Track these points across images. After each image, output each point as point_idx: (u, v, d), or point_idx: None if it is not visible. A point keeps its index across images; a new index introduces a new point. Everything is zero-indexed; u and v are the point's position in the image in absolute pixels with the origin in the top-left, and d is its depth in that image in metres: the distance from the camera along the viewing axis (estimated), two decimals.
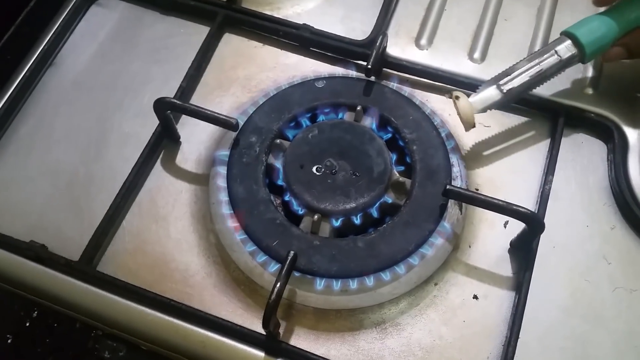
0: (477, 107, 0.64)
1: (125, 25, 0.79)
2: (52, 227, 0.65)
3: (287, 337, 0.59)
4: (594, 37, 0.63)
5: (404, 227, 0.60)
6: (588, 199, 0.65)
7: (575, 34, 0.64)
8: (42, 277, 0.62)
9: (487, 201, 0.58)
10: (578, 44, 0.64)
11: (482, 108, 0.64)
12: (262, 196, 0.62)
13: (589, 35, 0.63)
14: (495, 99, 0.64)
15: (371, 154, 0.64)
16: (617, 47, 0.65)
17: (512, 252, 0.63)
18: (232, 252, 0.62)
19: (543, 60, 0.64)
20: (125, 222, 0.65)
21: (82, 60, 0.76)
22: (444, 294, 0.61)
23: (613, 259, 0.62)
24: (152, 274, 0.62)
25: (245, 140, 0.65)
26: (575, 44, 0.64)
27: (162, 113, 0.65)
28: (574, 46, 0.64)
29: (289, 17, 0.77)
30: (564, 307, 0.60)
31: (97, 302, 0.60)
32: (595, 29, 0.64)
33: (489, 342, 0.59)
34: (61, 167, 0.69)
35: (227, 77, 0.74)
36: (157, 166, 0.69)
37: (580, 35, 0.64)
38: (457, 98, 0.64)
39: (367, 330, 0.59)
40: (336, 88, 0.69)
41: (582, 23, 0.65)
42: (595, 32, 0.64)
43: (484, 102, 0.64)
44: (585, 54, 0.64)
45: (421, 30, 0.76)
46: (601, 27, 0.64)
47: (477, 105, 0.64)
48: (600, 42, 0.64)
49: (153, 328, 0.59)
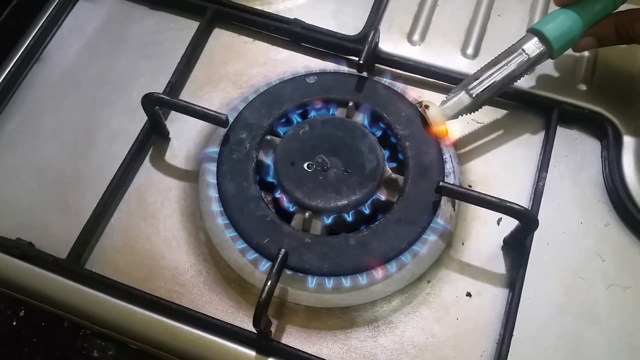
0: (447, 114, 0.64)
1: (114, 20, 0.78)
2: (39, 225, 0.64)
3: (279, 336, 0.58)
4: (560, 31, 0.63)
5: (396, 225, 0.60)
6: (582, 195, 0.65)
7: (541, 30, 0.63)
8: (29, 275, 0.61)
9: (480, 198, 0.58)
10: (545, 40, 0.63)
11: (452, 115, 0.64)
12: (252, 193, 0.62)
13: (555, 31, 0.63)
14: (465, 105, 0.64)
15: (363, 150, 0.63)
16: (587, 37, 0.64)
17: (506, 249, 0.62)
18: (222, 249, 0.61)
19: (511, 60, 0.64)
20: (113, 219, 0.65)
21: (69, 56, 0.75)
22: (437, 292, 0.61)
23: (607, 256, 0.62)
24: (141, 272, 0.62)
25: (235, 136, 0.65)
26: (542, 40, 0.63)
27: (151, 109, 0.65)
28: (542, 43, 0.63)
29: (279, 11, 0.77)
30: (557, 305, 0.60)
31: (86, 301, 0.60)
32: (560, 24, 0.63)
33: (483, 339, 0.58)
34: (48, 164, 0.68)
35: (217, 72, 0.74)
36: (145, 163, 0.68)
37: (547, 31, 0.63)
38: (427, 107, 0.64)
39: (360, 328, 0.59)
40: (327, 84, 0.68)
41: (548, 19, 0.64)
42: (560, 26, 0.63)
43: (453, 109, 0.64)
44: (553, 49, 0.63)
45: (414, 25, 0.75)
46: (566, 22, 0.63)
47: (447, 112, 0.64)
48: (567, 36, 0.63)
49: (142, 327, 0.58)
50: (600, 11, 0.63)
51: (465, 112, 0.65)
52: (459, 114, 0.64)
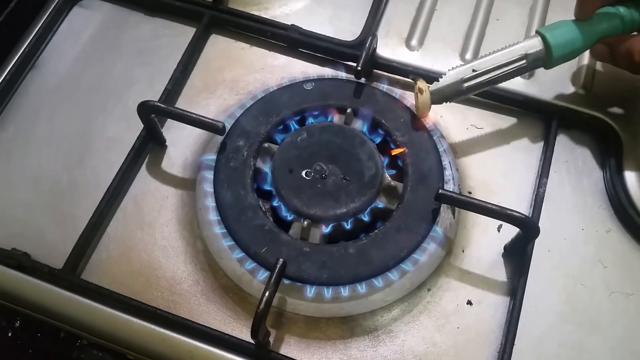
0: (435, 99, 0.64)
1: (109, 26, 0.77)
2: (35, 235, 0.64)
3: (277, 346, 0.58)
4: (565, 45, 0.62)
5: (396, 232, 0.59)
6: (583, 201, 0.64)
7: (546, 35, 0.62)
8: (25, 285, 0.60)
9: (480, 206, 0.57)
10: (547, 45, 0.62)
11: (439, 100, 0.64)
12: (250, 201, 0.61)
13: (558, 38, 0.62)
14: (456, 93, 0.64)
15: (362, 157, 0.62)
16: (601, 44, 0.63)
17: (507, 257, 0.62)
18: (219, 259, 0.61)
19: (510, 59, 0.63)
20: (109, 228, 0.64)
21: (64, 63, 0.75)
22: (437, 300, 0.60)
23: (609, 263, 0.61)
24: (138, 282, 0.61)
25: (232, 144, 0.64)
26: (545, 45, 0.62)
27: (147, 117, 0.64)
28: (543, 47, 0.62)
29: (276, 17, 0.76)
30: (559, 313, 0.59)
31: (82, 311, 0.59)
32: (566, 34, 0.62)
33: (484, 349, 0.58)
34: (43, 173, 0.67)
35: (213, 79, 0.73)
36: (142, 171, 0.67)
37: (553, 40, 0.62)
38: (420, 90, 0.63)
39: (359, 338, 0.58)
40: (325, 90, 0.68)
41: (558, 28, 0.63)
42: (567, 40, 0.62)
43: (443, 95, 0.64)
44: (552, 57, 0.62)
45: (412, 30, 0.75)
46: (574, 38, 0.62)
47: (435, 97, 0.64)
48: (568, 47, 0.62)
49: (139, 337, 0.58)
50: (607, 30, 0.62)
51: (453, 100, 0.64)
52: (447, 100, 0.64)
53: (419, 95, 0.64)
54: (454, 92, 0.63)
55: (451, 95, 0.64)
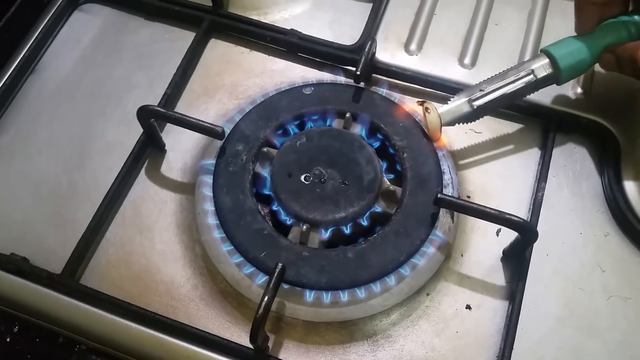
0: (445, 120, 0.64)
1: (109, 31, 0.77)
2: (34, 239, 0.64)
3: (276, 351, 0.58)
4: (573, 61, 0.62)
5: (394, 237, 0.59)
6: (581, 206, 0.65)
7: (555, 55, 0.62)
8: (24, 290, 0.60)
9: (479, 210, 0.57)
10: (556, 66, 0.62)
11: (450, 121, 0.64)
12: (249, 206, 0.61)
13: (568, 59, 0.62)
14: (465, 115, 0.64)
15: (361, 162, 0.62)
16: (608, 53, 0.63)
17: (505, 261, 0.62)
18: (218, 263, 0.60)
19: (518, 77, 0.63)
20: (108, 233, 0.64)
21: (64, 67, 0.75)
22: (436, 305, 0.60)
23: (607, 267, 0.61)
24: (137, 287, 0.61)
25: (231, 148, 0.64)
26: (553, 64, 0.63)
27: (146, 121, 0.64)
28: (551, 66, 0.63)
29: (276, 22, 0.76)
30: (558, 317, 0.59)
31: (81, 316, 0.59)
32: (575, 54, 0.62)
33: (483, 353, 0.58)
34: (43, 177, 0.67)
35: (213, 83, 0.73)
36: (141, 175, 0.67)
37: (560, 58, 0.62)
38: (427, 110, 0.63)
39: (358, 342, 0.58)
40: (324, 94, 0.68)
41: (562, 45, 0.63)
42: (574, 56, 0.62)
43: (453, 116, 0.64)
44: (561, 76, 0.62)
45: (411, 35, 0.75)
46: (580, 53, 0.62)
47: (445, 118, 0.64)
48: (577, 67, 0.62)
49: (138, 342, 0.58)
50: (613, 41, 0.62)
51: (463, 121, 0.64)
52: (457, 122, 0.64)
53: (426, 114, 0.63)
54: (465, 113, 0.63)
55: (462, 116, 0.64)
